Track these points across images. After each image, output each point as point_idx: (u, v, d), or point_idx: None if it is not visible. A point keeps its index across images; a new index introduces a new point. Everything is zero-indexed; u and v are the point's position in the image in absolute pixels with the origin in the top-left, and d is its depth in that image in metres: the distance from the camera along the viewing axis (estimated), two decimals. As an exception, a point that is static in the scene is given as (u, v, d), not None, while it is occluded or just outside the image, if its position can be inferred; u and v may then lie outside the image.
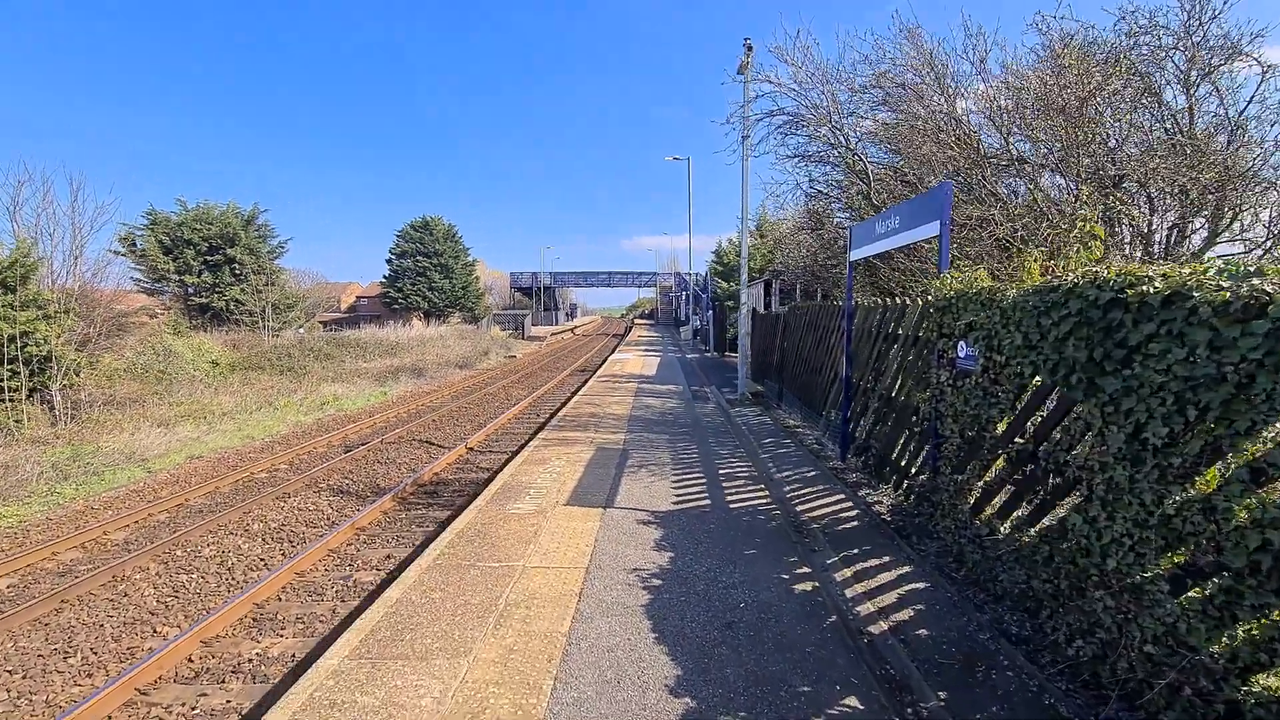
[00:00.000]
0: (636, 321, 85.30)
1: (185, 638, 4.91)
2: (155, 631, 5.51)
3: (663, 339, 42.97)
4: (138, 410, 17.12)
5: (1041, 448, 3.71)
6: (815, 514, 5.85)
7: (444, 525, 7.88)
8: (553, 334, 57.09)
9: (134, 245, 31.41)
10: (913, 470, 5.77)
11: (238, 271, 32.84)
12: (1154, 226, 7.94)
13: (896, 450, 6.18)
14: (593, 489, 6.66)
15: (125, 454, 12.84)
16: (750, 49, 11.62)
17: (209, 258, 32.49)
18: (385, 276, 57.04)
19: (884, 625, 3.77)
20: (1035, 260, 4.24)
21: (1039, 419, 3.79)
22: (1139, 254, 7.79)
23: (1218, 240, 7.56)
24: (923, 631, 3.68)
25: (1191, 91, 7.43)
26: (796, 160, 9.74)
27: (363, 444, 12.71)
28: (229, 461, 12.26)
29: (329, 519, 8.47)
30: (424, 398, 19.65)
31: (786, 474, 7.25)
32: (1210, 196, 6.31)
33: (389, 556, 7.08)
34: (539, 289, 71.39)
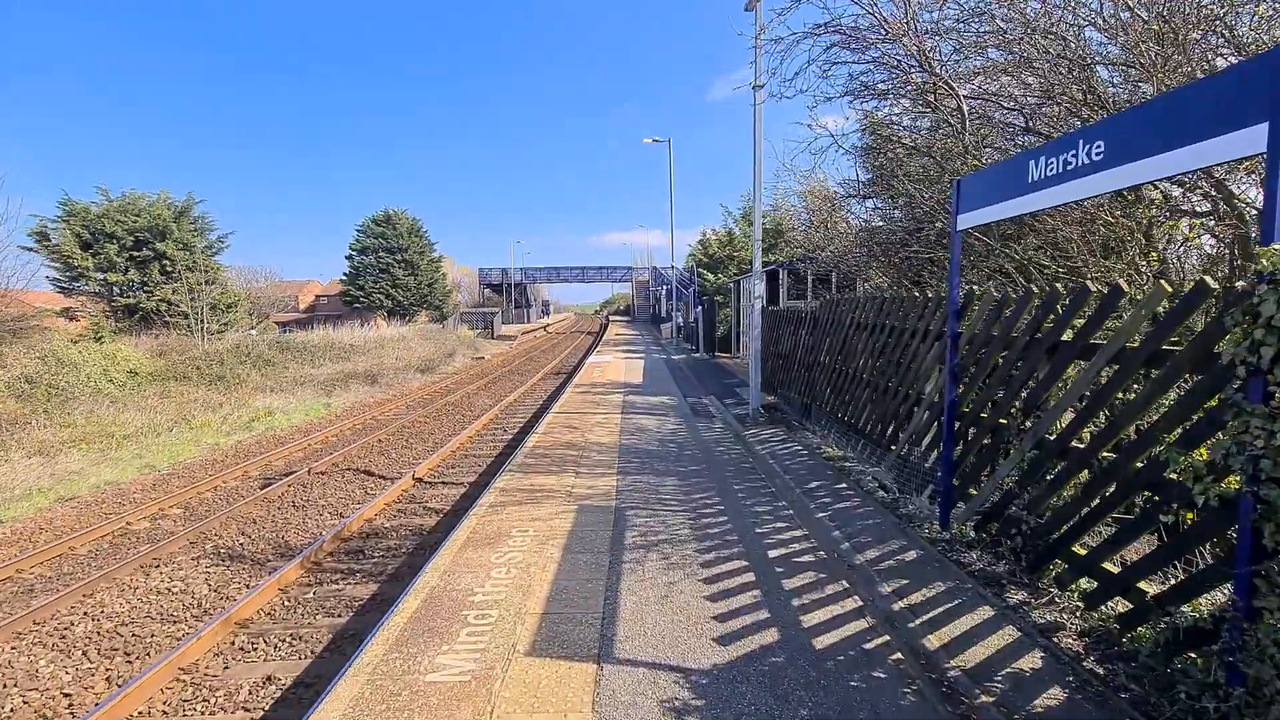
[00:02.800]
0: (612, 318, 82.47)
1: None
2: None
3: (643, 337, 40.35)
4: (16, 434, 14.06)
5: None
6: (965, 662, 3.32)
7: (361, 612, 5.36)
8: (524, 332, 54.28)
9: (46, 238, 27.68)
10: (1143, 585, 3.28)
11: (168, 269, 29.27)
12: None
13: (1085, 539, 3.72)
14: (575, 608, 4.05)
15: (-32, 497, 9.93)
16: (765, -29, 9.11)
17: (135, 253, 28.85)
18: (345, 274, 53.41)
19: None
20: None
21: None
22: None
23: None
24: None
25: None
26: (848, 98, 7.19)
27: (286, 475, 10.07)
28: (108, 504, 9.44)
29: (199, 605, 5.88)
30: (374, 410, 16.93)
31: (870, 554, 4.73)
32: None
33: (269, 680, 4.50)
34: (509, 285, 68.36)
